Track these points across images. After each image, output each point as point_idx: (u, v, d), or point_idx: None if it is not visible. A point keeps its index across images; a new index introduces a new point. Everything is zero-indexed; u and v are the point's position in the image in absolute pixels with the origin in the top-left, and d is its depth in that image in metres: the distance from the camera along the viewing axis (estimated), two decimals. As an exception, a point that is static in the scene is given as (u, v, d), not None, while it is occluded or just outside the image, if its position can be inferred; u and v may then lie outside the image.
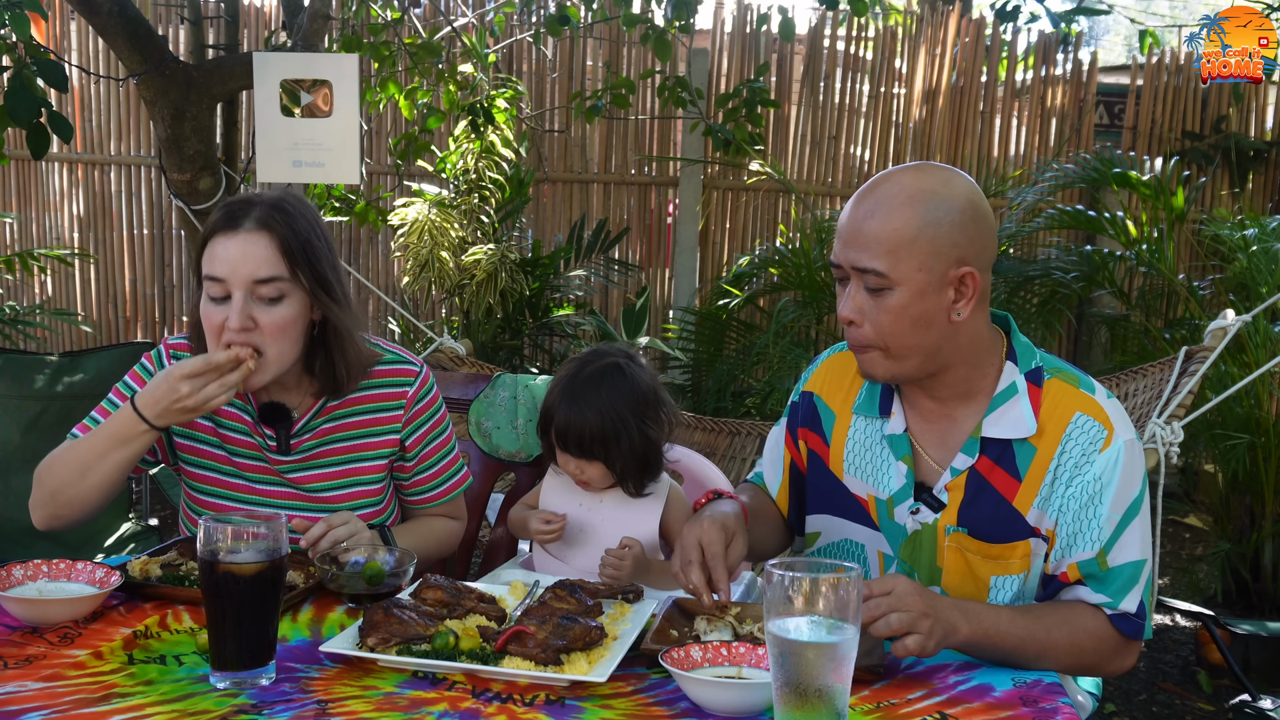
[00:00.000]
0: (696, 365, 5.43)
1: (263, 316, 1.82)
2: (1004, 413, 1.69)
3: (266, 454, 1.99)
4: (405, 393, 2.03)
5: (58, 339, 6.31)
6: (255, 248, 1.81)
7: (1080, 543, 1.64)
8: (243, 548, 1.45)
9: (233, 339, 1.80)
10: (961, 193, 1.63)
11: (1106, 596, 1.63)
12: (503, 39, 6.06)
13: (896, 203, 1.61)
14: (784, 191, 6.22)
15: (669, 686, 1.48)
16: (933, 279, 1.61)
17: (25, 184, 6.40)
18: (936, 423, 1.75)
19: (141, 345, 3.43)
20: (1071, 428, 1.66)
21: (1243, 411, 4.15)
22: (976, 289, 1.63)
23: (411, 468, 2.08)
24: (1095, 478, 1.64)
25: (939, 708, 1.43)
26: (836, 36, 6.39)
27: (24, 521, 3.26)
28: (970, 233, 1.62)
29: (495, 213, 5.50)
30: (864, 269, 1.63)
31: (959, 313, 1.64)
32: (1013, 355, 1.72)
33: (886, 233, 1.61)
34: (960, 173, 1.69)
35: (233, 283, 1.80)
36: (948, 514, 1.72)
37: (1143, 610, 1.65)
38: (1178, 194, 4.86)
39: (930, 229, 1.60)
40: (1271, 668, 3.51)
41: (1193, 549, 5.19)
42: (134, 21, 3.63)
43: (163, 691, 1.42)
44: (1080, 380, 1.71)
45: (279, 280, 1.82)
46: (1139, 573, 1.64)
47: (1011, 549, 1.69)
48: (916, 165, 1.70)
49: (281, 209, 1.85)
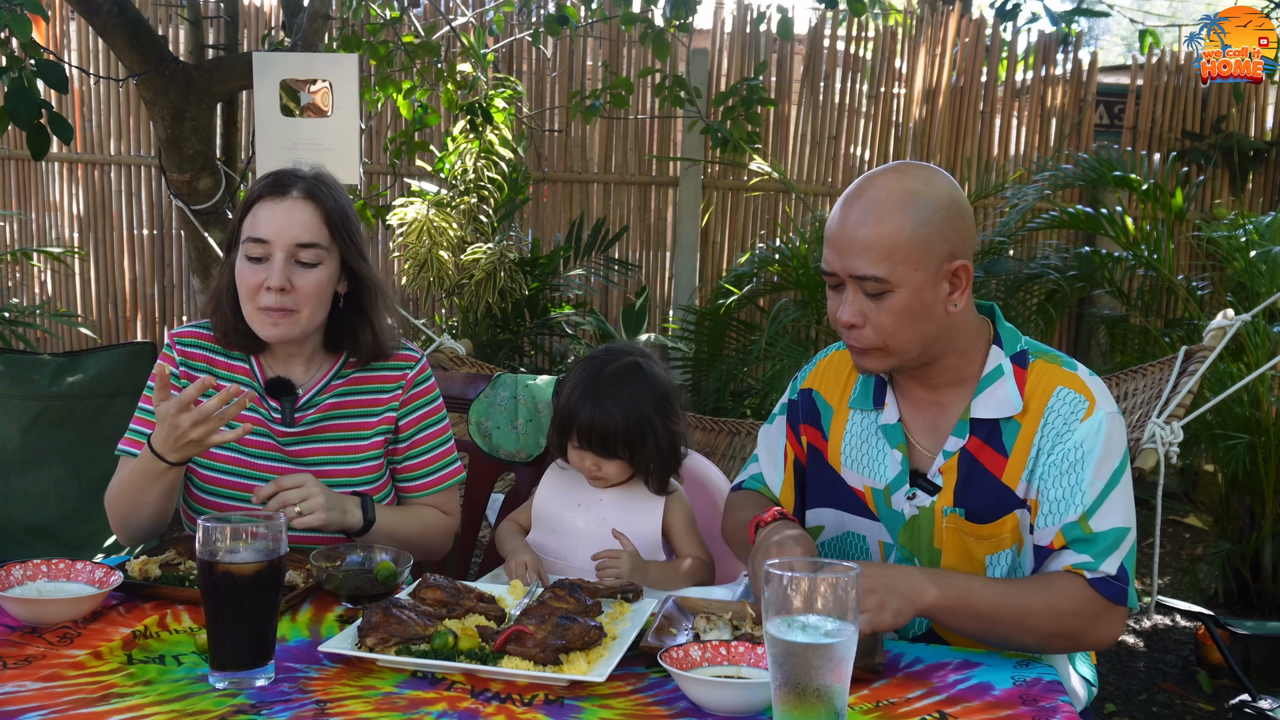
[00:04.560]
0: (696, 365, 5.43)
1: (299, 279, 1.92)
2: (991, 393, 1.74)
3: (270, 426, 2.02)
4: (405, 375, 2.10)
5: (58, 339, 6.31)
6: (301, 214, 1.93)
7: (1063, 508, 1.67)
8: (241, 548, 1.45)
9: (268, 300, 1.90)
10: (943, 189, 1.69)
11: (1089, 557, 1.65)
12: (501, 38, 6.05)
13: (885, 207, 1.65)
14: (784, 191, 6.22)
15: (668, 686, 1.48)
16: (929, 276, 1.66)
17: (25, 184, 6.40)
18: (927, 410, 1.79)
19: (141, 345, 3.43)
20: (1054, 400, 1.71)
21: (1242, 411, 4.15)
22: (969, 279, 1.69)
23: (404, 450, 2.10)
24: (1077, 445, 1.68)
25: (938, 707, 1.43)
26: (836, 36, 6.39)
27: (24, 521, 3.29)
28: (956, 226, 1.68)
29: (494, 212, 5.50)
30: (862, 276, 1.67)
31: (955, 304, 1.70)
32: (998, 340, 1.78)
33: (880, 238, 1.65)
34: (938, 169, 1.74)
35: (276, 244, 1.91)
36: (944, 496, 1.75)
37: (1124, 574, 1.65)
38: (1177, 194, 4.86)
39: (922, 229, 1.65)
40: (1271, 668, 3.51)
41: (1193, 549, 5.19)
42: (134, 21, 3.63)
43: (162, 691, 1.42)
44: (1063, 360, 1.76)
45: (318, 247, 1.93)
46: (1122, 538, 1.66)
47: (1000, 525, 1.72)
48: (896, 166, 1.74)
49: (325, 181, 1.98)
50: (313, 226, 1.93)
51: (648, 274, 6.45)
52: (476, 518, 2.52)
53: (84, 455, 3.33)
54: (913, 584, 1.58)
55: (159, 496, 1.91)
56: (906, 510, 1.79)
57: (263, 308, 1.92)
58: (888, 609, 1.54)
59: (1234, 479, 4.27)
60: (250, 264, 1.93)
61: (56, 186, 6.41)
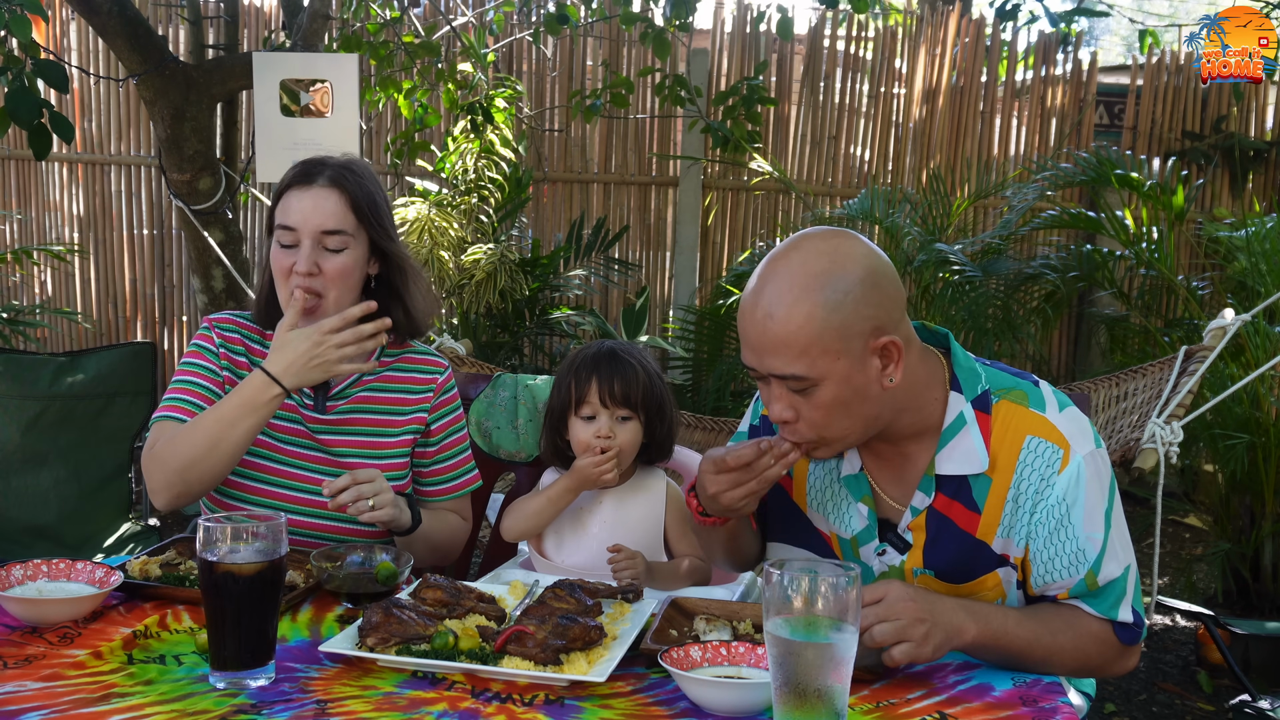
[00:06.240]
0: (696, 365, 5.43)
1: (326, 264, 1.99)
2: (954, 447, 1.64)
3: (302, 412, 2.06)
4: (436, 380, 2.14)
5: (58, 339, 6.31)
6: (327, 202, 1.99)
7: (1060, 567, 1.62)
8: (242, 548, 1.45)
9: (298, 283, 1.97)
10: (854, 262, 1.54)
11: (1102, 611, 1.63)
12: (502, 38, 6.05)
13: (790, 299, 1.52)
14: (784, 191, 6.22)
15: (668, 686, 1.48)
16: (854, 360, 1.54)
17: (25, 184, 6.39)
18: (891, 460, 1.70)
19: (142, 345, 3.43)
20: (1025, 453, 1.62)
21: (1242, 411, 4.15)
22: (900, 353, 1.57)
23: (434, 454, 2.14)
24: (1059, 500, 1.60)
25: (938, 707, 1.43)
26: (836, 36, 6.39)
27: (24, 521, 3.29)
28: (874, 299, 1.54)
29: (495, 212, 5.50)
30: (783, 375, 1.55)
31: (890, 378, 1.57)
32: (955, 384, 1.66)
33: (790, 334, 1.52)
34: (847, 234, 1.60)
35: (303, 231, 1.98)
36: (913, 555, 1.68)
37: (1137, 617, 1.64)
38: (1177, 194, 4.86)
39: (835, 315, 1.51)
40: (1271, 668, 3.51)
41: (1193, 549, 5.19)
42: (134, 22, 3.63)
43: (162, 691, 1.42)
44: (1030, 397, 1.65)
45: (343, 234, 2.00)
46: (1125, 582, 1.63)
47: (980, 584, 1.67)
48: (800, 241, 1.59)
49: (352, 169, 2.04)
50: (337, 214, 1.99)
51: (648, 274, 6.45)
52: (476, 518, 2.52)
53: (84, 455, 3.32)
54: (956, 621, 1.51)
55: (244, 435, 1.91)
56: (876, 566, 1.72)
57: (294, 288, 1.99)
58: (930, 643, 1.48)
59: (1234, 479, 4.27)
60: (282, 250, 2.01)
61: (56, 186, 6.41)
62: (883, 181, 6.26)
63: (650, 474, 2.14)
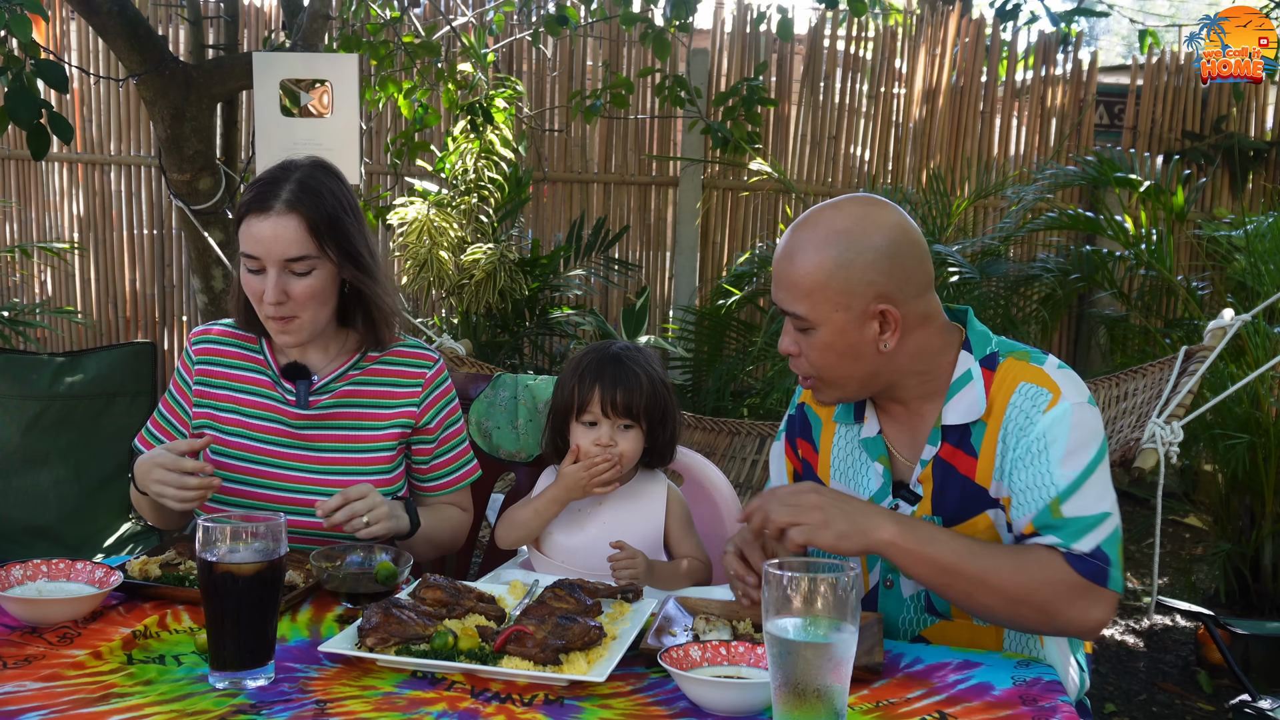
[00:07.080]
0: (696, 364, 5.43)
1: (294, 288, 1.96)
2: (959, 399, 1.72)
3: (283, 410, 2.05)
4: (424, 374, 2.12)
5: (58, 339, 6.31)
6: (285, 230, 1.93)
7: (1031, 496, 1.63)
8: (241, 548, 1.45)
9: (269, 312, 1.96)
10: (880, 229, 1.66)
11: (1059, 538, 1.61)
12: (502, 38, 6.05)
13: (811, 246, 1.66)
14: (784, 191, 6.22)
15: (668, 686, 1.48)
16: (851, 317, 1.66)
17: (25, 184, 6.40)
18: (905, 421, 1.78)
19: (141, 345, 3.43)
20: (1015, 396, 1.68)
21: (1242, 411, 4.15)
22: (898, 323, 1.67)
23: (432, 449, 2.13)
24: (1039, 435, 1.64)
25: (938, 707, 1.43)
26: (836, 36, 6.39)
27: (24, 521, 3.29)
28: (885, 269, 1.65)
29: (494, 212, 5.50)
30: (788, 311, 1.69)
31: (885, 344, 1.68)
32: (968, 345, 1.75)
33: (801, 276, 1.66)
34: (887, 205, 1.71)
35: (266, 260, 1.94)
36: (923, 505, 1.75)
37: (1102, 554, 1.59)
38: (1177, 194, 4.86)
39: (842, 270, 1.64)
40: (1271, 668, 3.51)
41: (1193, 549, 5.19)
42: (134, 21, 3.63)
43: (162, 691, 1.42)
44: (1032, 355, 1.73)
45: (308, 258, 1.95)
46: (1098, 522, 1.60)
47: (971, 525, 1.70)
48: (839, 202, 1.72)
49: (309, 186, 1.96)
50: (298, 240, 1.94)
51: (648, 274, 6.45)
52: (477, 518, 2.52)
53: (84, 455, 3.32)
54: (869, 515, 1.60)
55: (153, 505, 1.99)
56: None
57: (267, 316, 1.99)
58: (830, 528, 1.56)
59: (1234, 479, 4.27)
60: (251, 275, 1.98)
61: (56, 186, 6.41)
62: (882, 182, 6.27)
63: (650, 477, 2.14)
